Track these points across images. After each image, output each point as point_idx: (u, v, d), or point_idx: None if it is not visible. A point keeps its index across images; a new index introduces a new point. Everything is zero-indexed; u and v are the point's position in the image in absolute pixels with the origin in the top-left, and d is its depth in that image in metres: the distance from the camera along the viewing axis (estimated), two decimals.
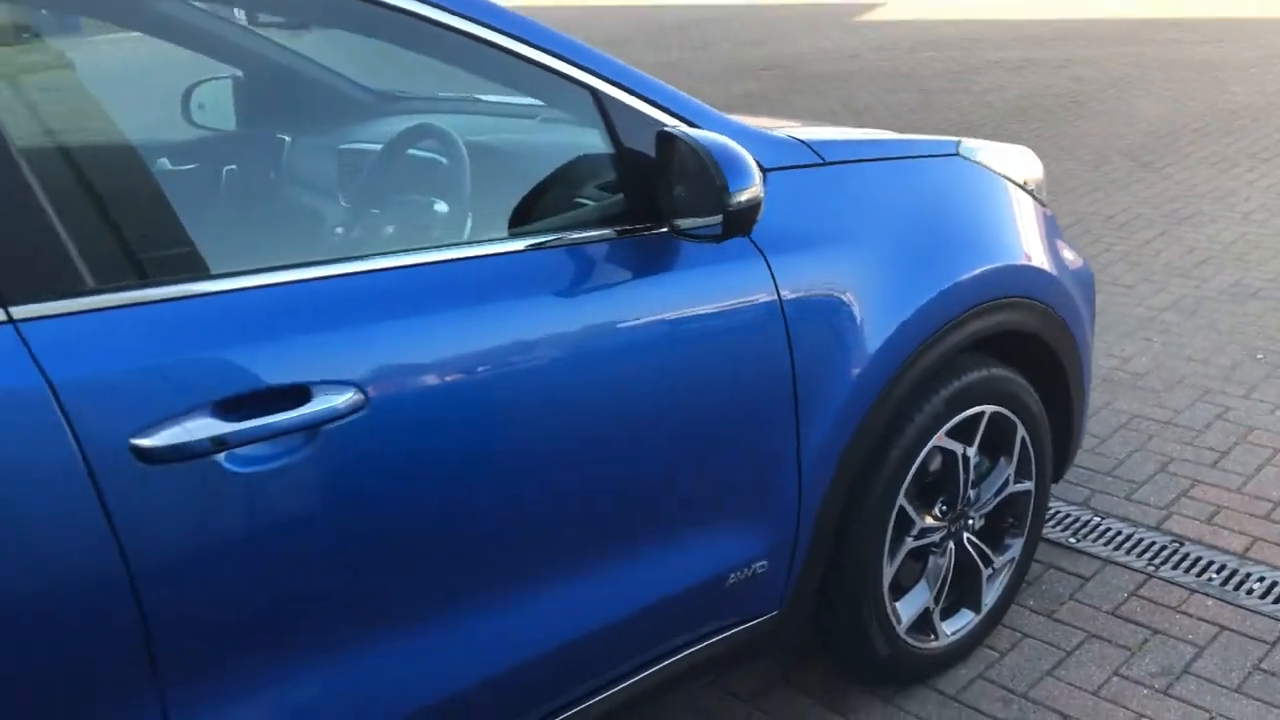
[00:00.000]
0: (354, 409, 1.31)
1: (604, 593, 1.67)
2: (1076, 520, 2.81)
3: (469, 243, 1.59)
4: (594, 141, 1.67)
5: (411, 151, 1.96)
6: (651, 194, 1.62)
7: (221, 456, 1.22)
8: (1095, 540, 2.72)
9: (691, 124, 1.70)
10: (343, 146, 2.34)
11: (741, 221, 1.49)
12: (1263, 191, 5.41)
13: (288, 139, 2.35)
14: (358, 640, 1.41)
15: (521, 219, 1.63)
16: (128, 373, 1.18)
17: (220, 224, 1.80)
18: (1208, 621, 2.40)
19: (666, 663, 1.81)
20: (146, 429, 1.17)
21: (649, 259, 1.64)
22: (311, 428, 1.28)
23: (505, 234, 1.59)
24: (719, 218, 1.49)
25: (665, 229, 1.62)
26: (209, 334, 1.25)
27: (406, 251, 1.45)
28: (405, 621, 1.45)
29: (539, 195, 1.69)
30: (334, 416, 1.29)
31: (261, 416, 1.24)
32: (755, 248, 1.73)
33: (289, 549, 1.30)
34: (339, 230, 1.93)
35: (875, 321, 1.87)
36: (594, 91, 1.62)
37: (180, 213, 1.45)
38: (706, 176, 1.47)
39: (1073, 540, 2.73)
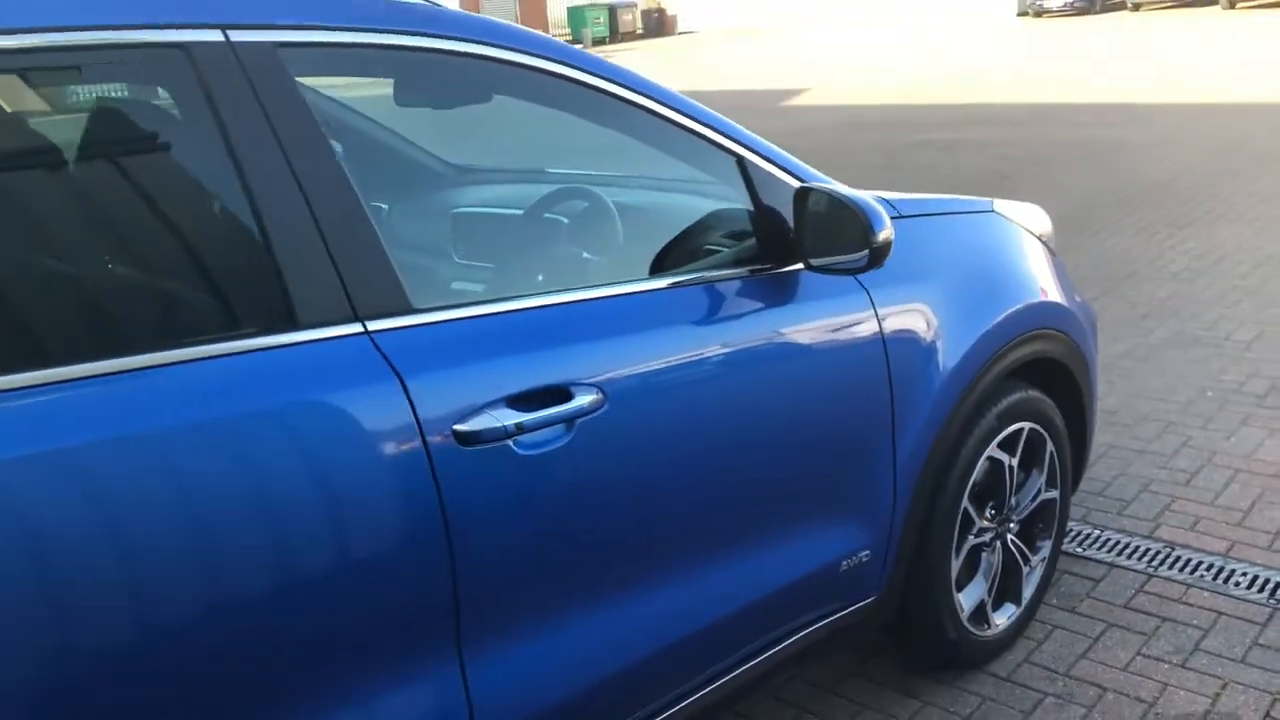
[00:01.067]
0: (597, 406, 1.63)
1: (750, 575, 1.98)
2: (1080, 533, 3.20)
3: (633, 280, 1.89)
4: (713, 198, 2.04)
5: (552, 213, 2.30)
6: (780, 239, 1.98)
7: (511, 442, 1.53)
8: (1099, 549, 3.12)
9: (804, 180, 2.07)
10: (456, 210, 2.66)
11: (881, 255, 1.86)
12: (1185, 254, 6.04)
13: (384, 206, 2.64)
14: (585, 599, 1.70)
15: (663, 263, 1.97)
16: (451, 373, 1.49)
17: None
18: (1206, 609, 2.79)
19: (790, 640, 2.11)
20: (471, 415, 1.47)
21: (776, 292, 1.99)
22: (570, 420, 1.59)
23: (655, 274, 1.92)
24: (864, 254, 1.85)
25: (798, 266, 1.98)
26: (498, 344, 1.56)
27: (594, 287, 1.77)
28: (618, 588, 1.75)
29: (677, 243, 2.04)
30: (586, 411, 1.61)
31: (540, 410, 1.55)
32: (860, 284, 2.10)
33: (552, 518, 1.60)
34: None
35: (948, 348, 2.25)
36: (739, 158, 1.98)
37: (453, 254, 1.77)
38: (853, 221, 1.84)
39: (1079, 549, 3.11)
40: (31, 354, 1.25)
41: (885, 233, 1.84)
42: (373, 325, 1.45)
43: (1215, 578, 2.92)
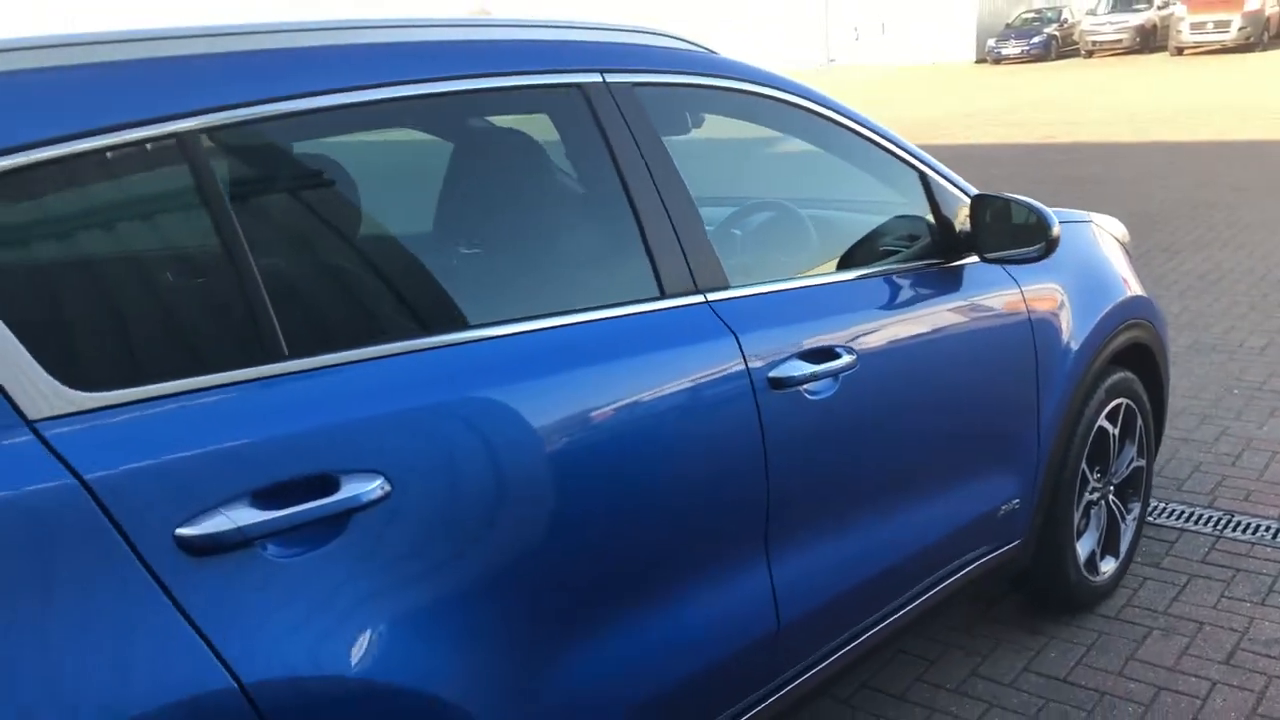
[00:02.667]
0: (853, 365, 2.06)
1: (940, 513, 2.41)
2: (1150, 507, 3.66)
3: (832, 273, 2.34)
4: (865, 212, 2.50)
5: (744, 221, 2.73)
6: (951, 238, 2.44)
7: (804, 388, 1.96)
8: (1168, 518, 3.58)
9: (967, 194, 2.53)
10: None
11: (1053, 248, 2.32)
12: (1186, 275, 6.61)
13: None
14: (842, 519, 2.12)
15: (852, 260, 2.41)
16: (765, 332, 1.92)
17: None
18: (1273, 561, 3.25)
19: (960, 574, 2.54)
20: (778, 365, 1.91)
21: (951, 281, 2.43)
22: (837, 374, 2.02)
23: (858, 266, 2.36)
24: (1040, 246, 2.31)
25: (967, 260, 2.44)
26: (788, 313, 2.00)
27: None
28: (863, 513, 2.17)
29: (861, 244, 2.48)
30: (848, 368, 2.04)
31: (823, 363, 1.98)
32: (1010, 276, 2.56)
33: (825, 450, 2.02)
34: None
35: (1075, 332, 2.72)
36: (921, 173, 2.45)
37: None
38: (1033, 221, 2.30)
39: (1151, 519, 3.57)
40: (509, 309, 1.67)
41: (1057, 229, 2.31)
42: (709, 296, 1.88)
43: (1275, 536, 3.39)
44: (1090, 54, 28.92)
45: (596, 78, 1.85)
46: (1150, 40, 28.57)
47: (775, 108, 2.20)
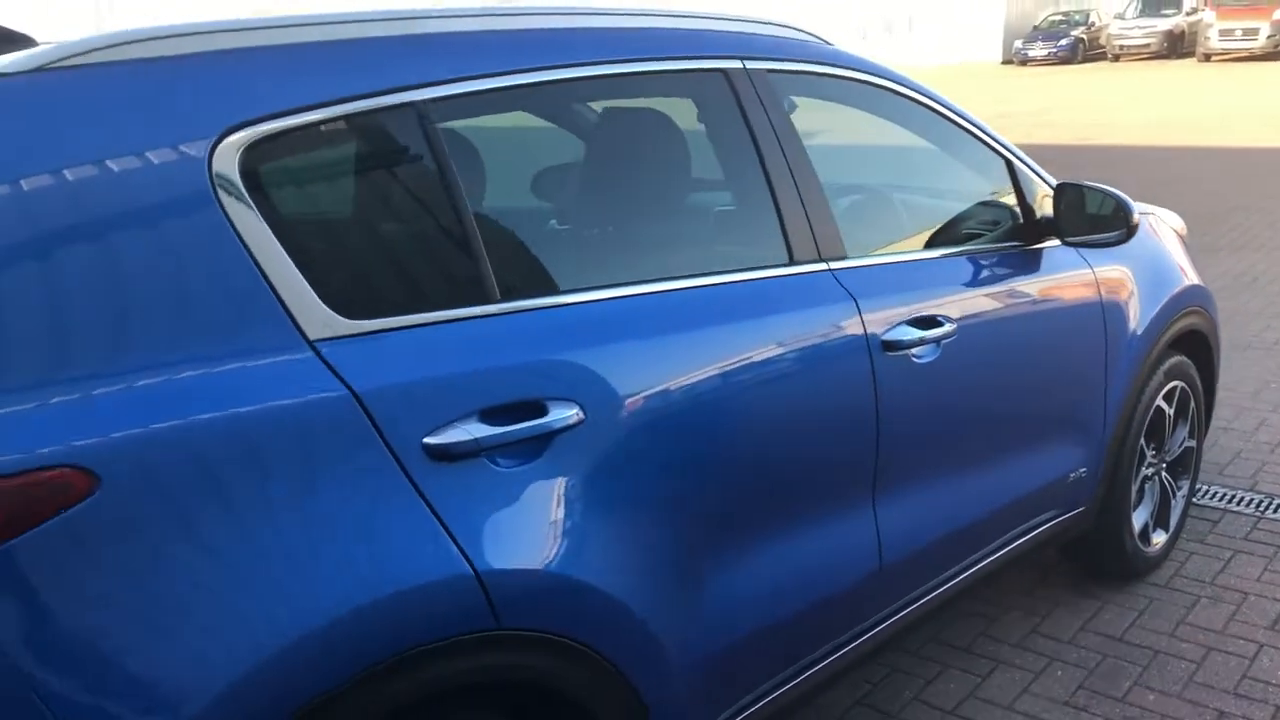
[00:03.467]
0: (952, 333, 2.26)
1: (1017, 474, 2.61)
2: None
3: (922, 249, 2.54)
4: (974, 193, 2.70)
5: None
6: (1033, 223, 2.64)
7: (912, 351, 2.16)
8: (1211, 499, 3.77)
9: (1048, 182, 2.73)
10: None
11: (1133, 233, 2.52)
12: (1221, 276, 6.78)
13: None
14: (935, 474, 2.33)
15: (938, 241, 2.61)
16: (880, 299, 2.12)
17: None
18: None
19: (1030, 535, 2.74)
20: (891, 329, 2.11)
21: (1032, 262, 2.63)
22: (939, 341, 2.23)
23: (947, 245, 2.56)
24: (1120, 232, 2.51)
25: (1048, 244, 2.64)
26: (898, 283, 2.20)
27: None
28: (955, 469, 2.38)
29: (950, 226, 2.69)
30: (948, 335, 2.24)
31: (928, 329, 2.19)
32: (1086, 261, 2.76)
33: (926, 410, 2.23)
34: None
35: (1139, 315, 2.92)
36: (1008, 160, 2.65)
37: None
38: (1114, 207, 2.50)
39: (1195, 500, 3.77)
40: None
41: (1137, 216, 2.51)
42: (832, 265, 2.09)
43: None
44: (1117, 58, 28.97)
45: (738, 64, 2.05)
46: (1178, 46, 28.57)
47: (882, 95, 2.40)
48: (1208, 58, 26.54)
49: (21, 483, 1.15)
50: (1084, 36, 30.17)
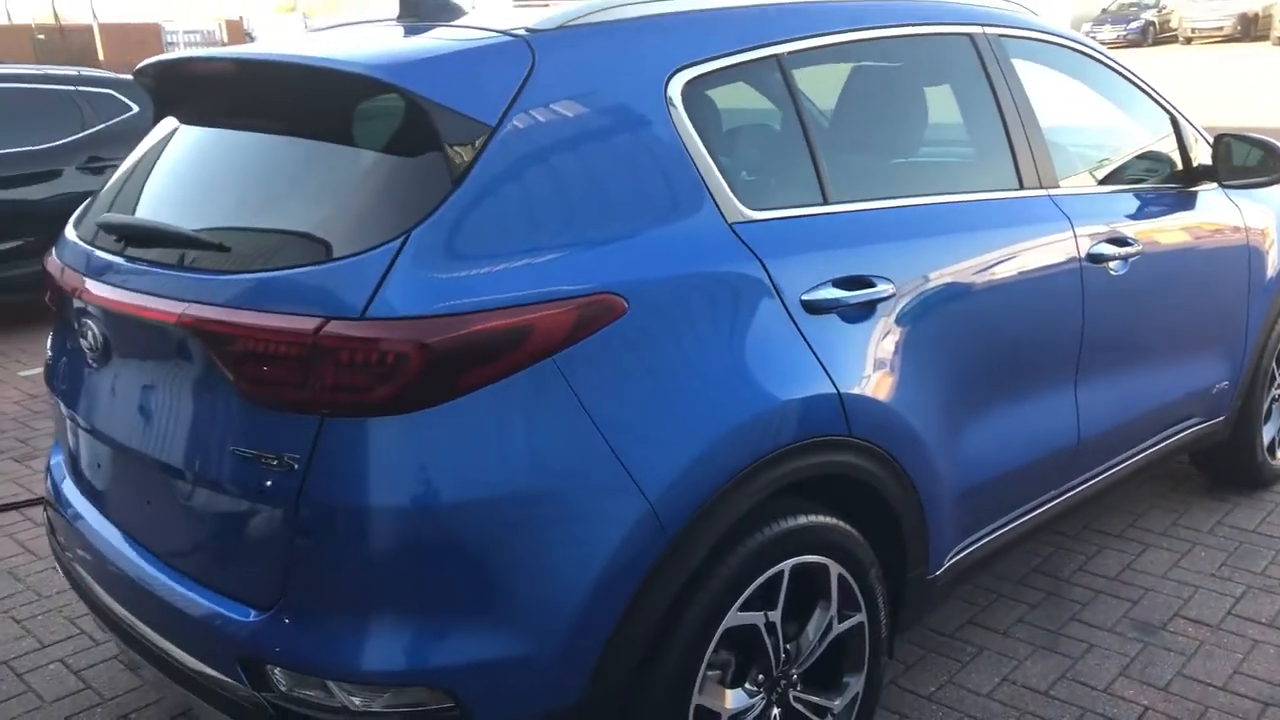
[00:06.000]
0: (1138, 252, 2.76)
1: (1177, 377, 3.10)
2: None
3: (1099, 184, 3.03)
4: (1143, 140, 3.18)
5: None
6: (1191, 168, 3.12)
7: (1109, 264, 2.67)
8: None
9: (1202, 134, 3.21)
10: None
11: None
12: None
13: None
14: (1120, 370, 2.83)
15: (1115, 179, 3.10)
16: (1087, 223, 2.64)
17: None
18: None
19: (1181, 434, 3.23)
20: (1096, 244, 2.63)
21: (1190, 201, 3.11)
22: (1127, 258, 2.73)
23: (1126, 183, 3.06)
24: (1276, 176, 3.00)
25: (1205, 187, 3.12)
26: (1094, 208, 2.72)
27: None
28: (1137, 366, 2.89)
29: (1123, 167, 3.17)
30: (1135, 253, 2.75)
31: (1123, 247, 2.70)
32: (1235, 205, 3.24)
33: (1117, 314, 2.74)
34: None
35: (1277, 252, 3.39)
36: (1172, 116, 3.14)
37: None
38: (1273, 155, 2.98)
39: None
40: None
41: None
42: (1049, 191, 2.61)
43: None
44: (1189, 40, 28.85)
45: (979, 29, 2.57)
46: (1251, 29, 28.43)
47: (1074, 57, 2.92)
48: None
49: (587, 301, 1.71)
50: (1154, 19, 30.07)
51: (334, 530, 1.66)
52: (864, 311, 2.09)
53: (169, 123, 2.27)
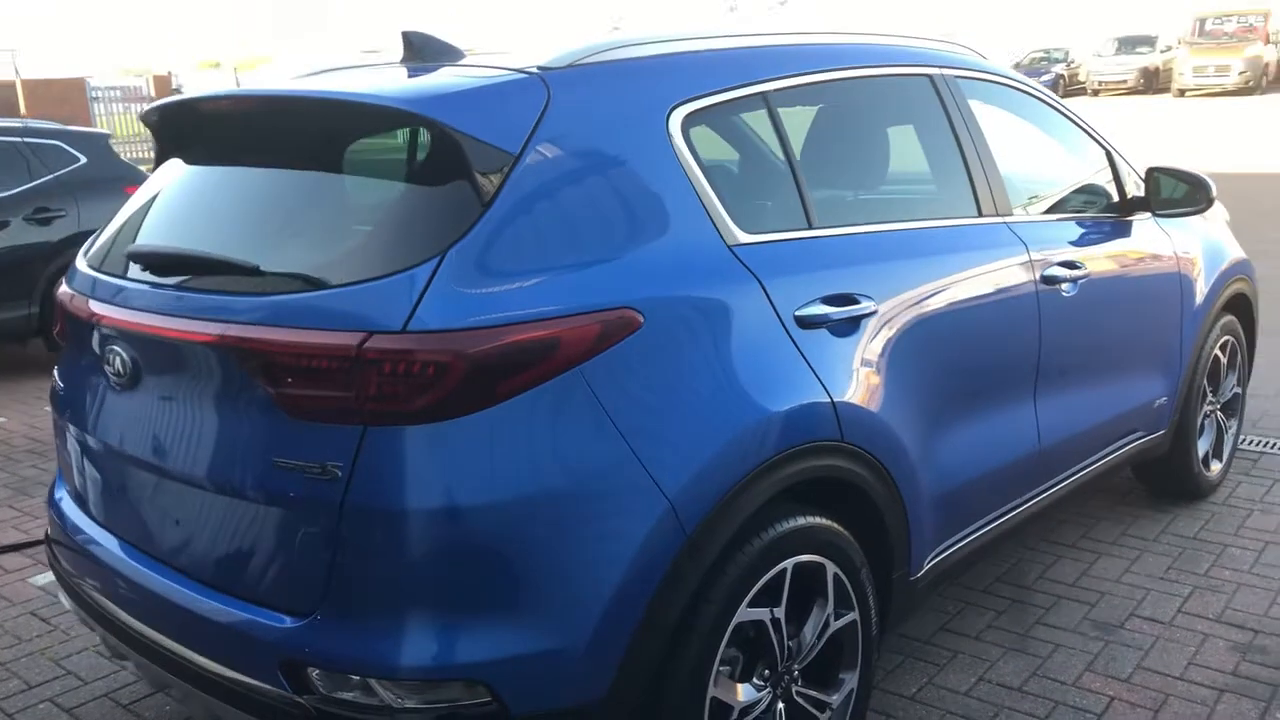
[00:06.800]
0: (1085, 275, 2.99)
1: (1119, 395, 3.33)
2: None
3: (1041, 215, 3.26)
4: (1080, 176, 3.44)
5: None
6: (1125, 199, 3.38)
7: (1063, 285, 2.88)
8: (1251, 445, 4.50)
9: (1134, 168, 3.48)
10: None
11: (1211, 205, 3.26)
12: None
13: None
14: (1071, 382, 3.04)
15: (1060, 209, 3.34)
16: (1040, 246, 2.85)
17: None
18: None
19: (1120, 450, 3.44)
20: (1049, 268, 2.84)
21: (1125, 230, 3.36)
22: (1077, 280, 2.95)
23: (1064, 214, 3.30)
24: (1203, 205, 3.26)
25: (1139, 216, 3.38)
26: (1056, 235, 2.94)
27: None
28: (1080, 383, 3.10)
29: (1062, 201, 3.41)
30: (1084, 275, 2.97)
31: (1073, 270, 2.92)
32: (1166, 234, 3.50)
33: (1068, 331, 2.95)
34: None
35: (1204, 278, 3.66)
36: (1106, 150, 3.40)
37: None
38: (1197, 185, 3.25)
39: (1238, 446, 4.50)
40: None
41: (1214, 191, 3.25)
42: (1005, 218, 2.82)
43: None
44: (1096, 93, 30.17)
45: (936, 70, 2.79)
46: (1154, 82, 29.82)
47: (1023, 98, 3.16)
48: (1182, 93, 27.75)
49: (608, 315, 1.84)
50: (1064, 73, 31.41)
51: (377, 533, 1.75)
52: (850, 326, 2.25)
53: (175, 163, 2.36)
